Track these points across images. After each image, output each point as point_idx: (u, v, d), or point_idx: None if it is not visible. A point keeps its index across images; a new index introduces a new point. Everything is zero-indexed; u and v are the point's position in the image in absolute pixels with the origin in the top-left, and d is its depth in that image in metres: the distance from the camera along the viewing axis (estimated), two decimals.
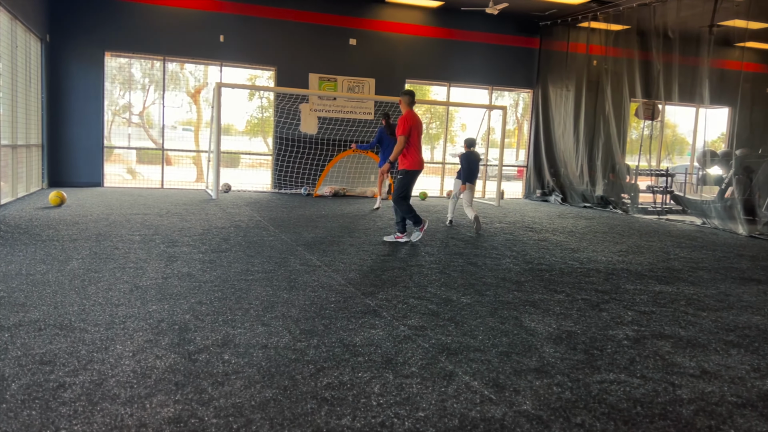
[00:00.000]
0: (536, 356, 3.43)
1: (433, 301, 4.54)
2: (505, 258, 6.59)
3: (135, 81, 15.03)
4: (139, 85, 15.33)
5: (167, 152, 13.84)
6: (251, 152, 16.82)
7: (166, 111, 13.64)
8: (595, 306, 4.67)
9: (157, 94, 18.45)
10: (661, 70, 12.16)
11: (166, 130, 13.67)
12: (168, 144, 13.87)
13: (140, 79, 15.02)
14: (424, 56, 14.66)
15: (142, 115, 17.39)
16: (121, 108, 15.69)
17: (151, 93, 16.10)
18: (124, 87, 14.70)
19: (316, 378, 2.94)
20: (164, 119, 13.69)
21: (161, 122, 13.61)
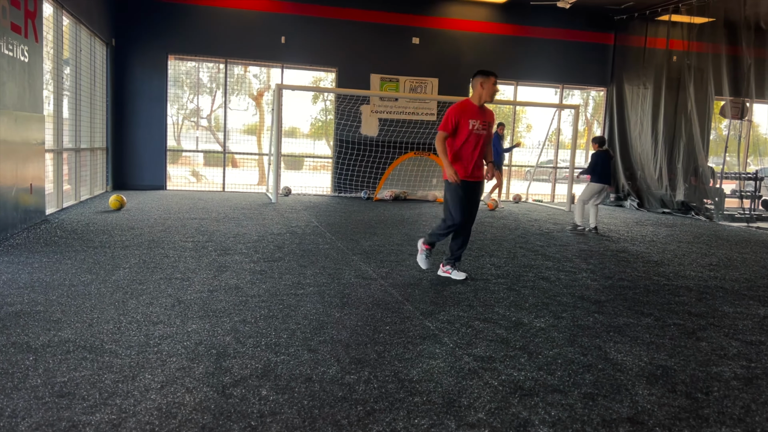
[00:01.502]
0: (628, 400, 2.87)
1: (501, 325, 4.03)
2: (581, 272, 5.98)
3: (203, 85, 15.11)
4: (207, 89, 15.41)
5: (230, 155, 13.79)
6: (313, 155, 16.63)
7: (229, 114, 13.59)
8: (691, 334, 4.04)
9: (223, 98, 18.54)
10: (752, 65, 11.12)
11: (232, 133, 13.63)
12: (233, 147, 13.84)
13: (207, 82, 15.08)
14: (489, 54, 14.05)
15: (210, 118, 17.53)
16: (191, 112, 15.83)
17: (218, 97, 16.19)
18: (193, 91, 14.78)
19: (365, 424, 2.50)
20: (226, 122, 13.66)
21: (224, 125, 13.57)
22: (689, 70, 12.74)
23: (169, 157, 13.15)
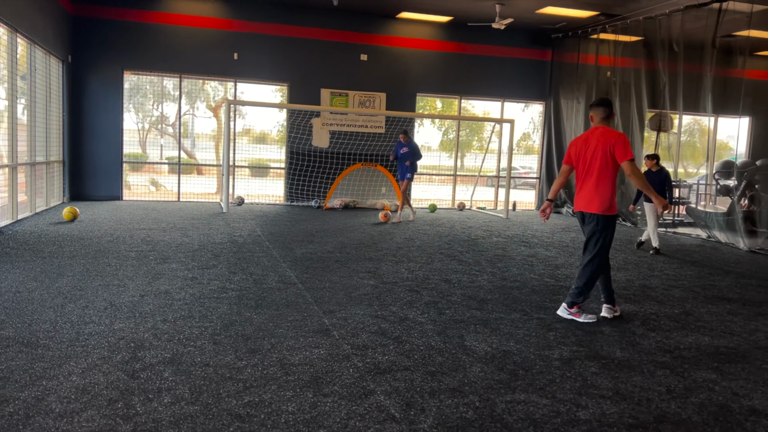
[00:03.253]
0: (460, 376, 3.62)
1: (388, 320, 4.76)
2: (483, 275, 6.76)
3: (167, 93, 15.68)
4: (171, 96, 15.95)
5: (195, 163, 14.37)
6: (280, 161, 17.26)
7: (196, 121, 14.18)
8: (548, 326, 4.83)
9: (188, 106, 19.05)
10: (667, 81, 12.13)
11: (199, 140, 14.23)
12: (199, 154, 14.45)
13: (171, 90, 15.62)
14: (435, 70, 14.87)
15: (175, 126, 18.10)
16: (156, 119, 16.40)
17: (183, 105, 16.78)
18: (156, 99, 15.34)
19: (240, 396, 3.20)
20: (180, 133, 14.24)
21: (178, 135, 14.15)
22: (615, 85, 13.73)
23: (130, 166, 13.68)
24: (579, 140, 5.05)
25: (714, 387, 3.63)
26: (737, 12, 10.58)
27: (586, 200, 4.94)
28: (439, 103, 18.51)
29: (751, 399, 3.47)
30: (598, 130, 4.95)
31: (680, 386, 3.62)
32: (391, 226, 10.86)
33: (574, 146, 5.05)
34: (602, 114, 4.98)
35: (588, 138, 4.98)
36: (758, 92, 11.12)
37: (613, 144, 4.78)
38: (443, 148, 21.54)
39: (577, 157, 5.00)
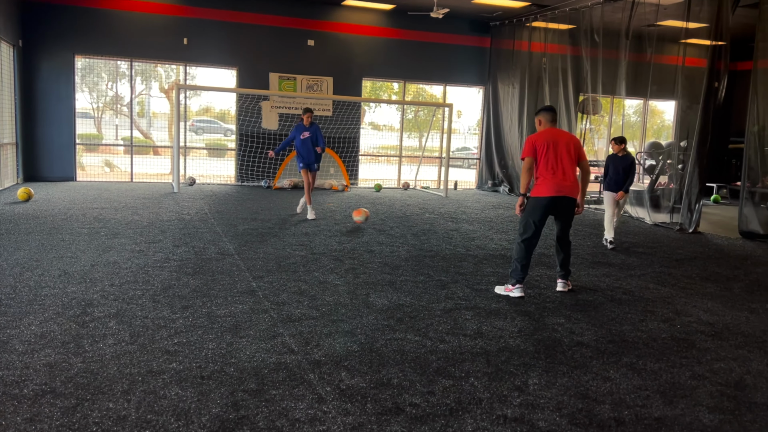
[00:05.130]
0: (355, 322, 4.46)
1: (308, 282, 5.57)
2: (404, 246, 7.62)
3: (122, 73, 16.05)
4: (126, 76, 16.29)
5: (152, 144, 14.83)
6: (220, 144, 17.78)
7: (152, 101, 14.63)
8: (444, 285, 5.71)
9: (143, 85, 19.36)
10: (589, 68, 13.13)
11: (156, 119, 14.69)
12: (156, 134, 14.91)
13: (126, 70, 15.95)
14: (380, 56, 15.59)
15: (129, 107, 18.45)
16: (111, 100, 16.77)
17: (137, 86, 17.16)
18: (111, 79, 15.72)
19: (171, 338, 3.97)
20: (132, 114, 14.68)
21: (131, 115, 14.59)
22: (545, 71, 14.70)
23: (85, 147, 14.09)
24: (542, 136, 5.49)
25: (558, 328, 4.56)
26: (648, 4, 11.59)
27: (571, 188, 5.44)
28: (395, 85, 19.23)
29: (582, 336, 4.40)
30: (558, 131, 5.60)
31: (531, 328, 4.54)
32: (334, 204, 11.64)
33: (540, 140, 5.47)
34: (551, 118, 5.64)
35: (554, 135, 5.49)
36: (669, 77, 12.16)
37: (579, 144, 5.59)
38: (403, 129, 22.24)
39: (546, 150, 5.41)
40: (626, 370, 3.77)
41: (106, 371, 3.41)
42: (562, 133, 5.62)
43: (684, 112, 12.70)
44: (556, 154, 5.42)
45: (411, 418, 3.01)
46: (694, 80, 11.14)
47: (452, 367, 3.69)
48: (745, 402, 3.37)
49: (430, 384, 3.43)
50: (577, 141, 5.62)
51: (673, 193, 11.26)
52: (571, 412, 3.15)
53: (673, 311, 5.15)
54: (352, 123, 15.48)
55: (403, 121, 17.01)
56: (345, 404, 3.13)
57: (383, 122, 25.83)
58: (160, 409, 2.98)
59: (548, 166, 5.42)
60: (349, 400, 3.17)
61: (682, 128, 12.87)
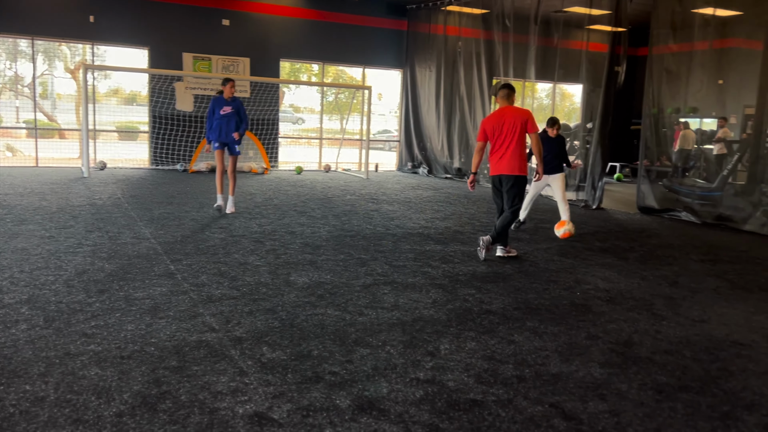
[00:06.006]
0: (276, 300, 4.57)
1: (228, 264, 5.60)
2: (326, 226, 7.74)
3: (21, 51, 15.10)
4: (26, 56, 15.35)
5: (58, 127, 14.10)
6: (131, 126, 17.17)
7: (56, 82, 13.88)
8: (364, 263, 5.88)
9: (46, 66, 18.29)
10: (501, 52, 13.61)
11: (61, 101, 13.96)
12: (61, 116, 14.17)
13: (26, 48, 15.04)
14: (298, 37, 15.48)
15: (30, 88, 17.41)
16: (10, 80, 15.75)
17: (39, 66, 16.21)
18: (10, 58, 14.76)
19: (88, 322, 3.94)
20: (35, 95, 13.93)
21: (34, 97, 13.84)
22: (460, 55, 15.10)
23: None
24: (492, 119, 5.98)
25: (468, 299, 4.84)
26: None
27: (507, 166, 5.94)
28: (315, 67, 19.12)
29: (491, 305, 4.71)
30: (509, 109, 5.95)
31: (444, 299, 4.79)
32: (253, 188, 11.57)
33: (489, 123, 5.97)
34: (506, 95, 6.00)
35: (502, 116, 5.93)
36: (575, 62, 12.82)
37: (525, 119, 5.89)
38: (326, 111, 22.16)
39: (493, 132, 5.95)
40: (529, 333, 4.09)
41: (21, 355, 3.36)
42: (510, 112, 5.97)
43: (588, 95, 13.43)
44: (500, 136, 5.93)
45: (330, 384, 3.17)
46: (597, 64, 11.80)
47: (370, 338, 3.88)
48: (632, 357, 3.75)
49: (348, 354, 3.60)
50: (524, 116, 5.94)
51: (579, 172, 11.93)
52: (477, 373, 3.40)
53: (574, 280, 5.56)
54: (271, 105, 15.34)
55: (323, 103, 16.99)
56: (266, 376, 3.25)
57: (304, 104, 25.73)
58: (79, 389, 2.99)
59: (494, 148, 6.03)
60: (270, 372, 3.29)
61: (587, 110, 13.63)
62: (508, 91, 6.08)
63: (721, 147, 13.14)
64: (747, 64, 11.22)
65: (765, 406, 3.14)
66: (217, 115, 8.19)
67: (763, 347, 4.01)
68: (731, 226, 9.08)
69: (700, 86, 10.91)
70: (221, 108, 8.24)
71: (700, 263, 6.57)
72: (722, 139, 13.01)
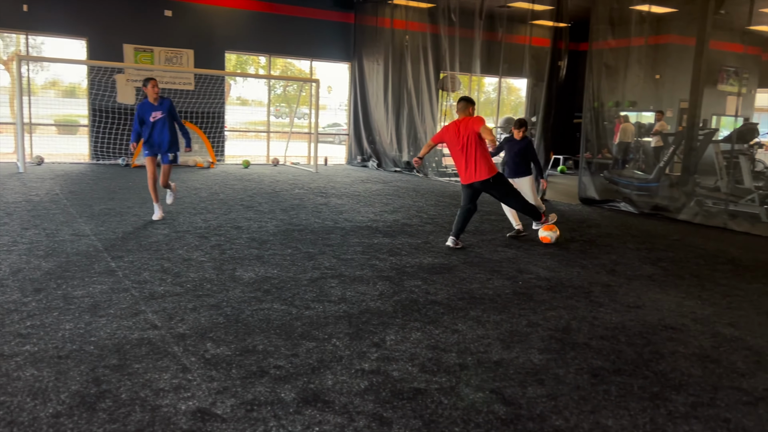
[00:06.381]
0: (221, 296, 4.52)
1: (171, 260, 5.50)
2: (273, 221, 7.68)
3: None
4: None
5: None
6: (70, 119, 16.59)
7: None
8: (312, 257, 5.88)
9: None
10: (447, 46, 13.76)
11: None
12: None
13: None
14: (243, 29, 15.24)
15: None
16: None
17: None
18: None
19: (23, 322, 3.81)
20: None
21: None
22: (407, 48, 15.18)
23: None
24: (451, 128, 6.30)
25: (415, 290, 4.90)
26: None
27: (476, 173, 6.20)
28: (262, 59, 18.87)
29: (436, 295, 4.78)
30: (463, 121, 6.24)
31: (390, 291, 4.85)
32: (199, 182, 11.37)
33: (447, 133, 6.33)
34: (463, 108, 6.30)
35: (458, 127, 6.24)
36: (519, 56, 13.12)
37: (473, 124, 6.14)
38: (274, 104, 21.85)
39: (452, 142, 6.25)
40: (472, 322, 4.18)
41: None
42: (464, 122, 6.20)
43: (532, 89, 13.73)
44: (459, 146, 6.20)
45: (275, 378, 3.17)
46: (539, 59, 12.08)
47: (316, 331, 3.89)
48: (570, 343, 3.88)
49: (294, 347, 3.61)
50: (476, 123, 6.12)
51: None
52: (422, 362, 3.47)
53: (516, 270, 5.71)
54: (217, 97, 15.07)
55: (271, 96, 16.80)
56: (210, 372, 3.22)
57: (252, 97, 25.38)
58: (14, 391, 2.90)
59: (457, 159, 6.31)
60: (214, 368, 3.27)
61: (531, 104, 13.93)
62: (465, 103, 6.35)
63: (658, 140, 13.66)
64: (681, 60, 11.71)
65: (692, 386, 3.31)
66: (148, 124, 7.20)
67: (692, 330, 4.22)
68: (667, 216, 9.47)
69: (638, 81, 11.31)
70: (150, 114, 7.17)
71: (636, 252, 6.84)
72: (659, 132, 13.52)
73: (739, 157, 10.66)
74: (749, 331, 4.24)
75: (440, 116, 15.75)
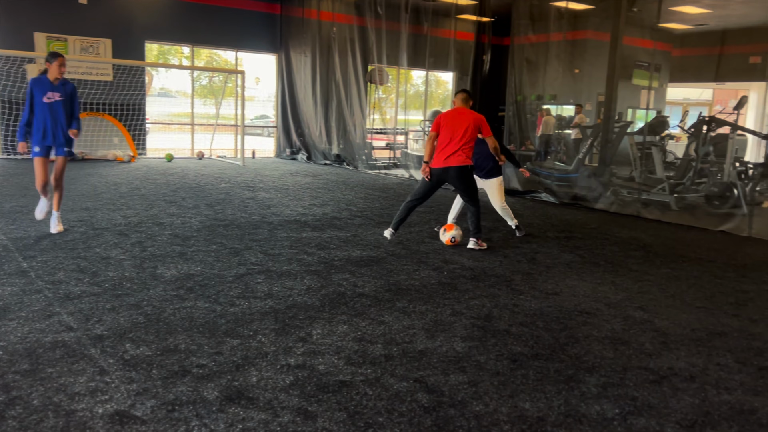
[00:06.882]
0: (142, 295, 4.39)
1: (89, 260, 5.29)
2: (197, 216, 7.50)
3: None
4: None
5: None
6: None
7: None
8: (237, 253, 5.79)
9: None
10: (375, 38, 13.80)
11: None
12: None
13: None
14: (164, 18, 14.74)
15: None
16: None
17: None
18: None
19: None
20: None
21: None
22: (335, 40, 15.12)
23: None
24: (448, 116, 6.23)
25: (343, 283, 4.93)
26: None
27: (455, 158, 6.12)
28: (186, 49, 18.31)
29: (364, 288, 4.82)
30: (464, 110, 6.25)
31: (318, 285, 4.85)
32: (119, 177, 10.96)
33: (445, 118, 6.23)
34: (464, 99, 6.34)
35: (457, 114, 6.20)
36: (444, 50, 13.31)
37: (479, 122, 6.20)
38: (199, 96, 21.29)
39: (446, 125, 6.16)
40: (399, 313, 4.25)
41: None
42: (466, 113, 6.22)
43: (458, 83, 13.98)
44: (452, 132, 6.12)
45: (197, 377, 3.12)
46: (464, 53, 12.32)
47: (241, 328, 3.85)
48: (491, 330, 4.01)
49: (218, 345, 3.55)
50: (477, 120, 6.19)
51: None
52: (348, 355, 3.50)
53: (442, 260, 5.83)
54: (137, 89, 14.52)
55: (195, 88, 16.35)
56: (129, 373, 3.13)
57: (175, 88, 24.59)
58: None
59: (441, 142, 6.19)
60: (134, 369, 3.18)
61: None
62: (467, 95, 6.45)
63: (577, 132, 14.22)
64: (597, 55, 12.22)
65: (604, 368, 3.49)
66: (40, 105, 6.00)
67: (605, 315, 4.45)
68: (585, 205, 9.89)
69: (558, 75, 11.72)
70: (44, 93, 5.98)
71: (555, 240, 7.12)
72: (578, 124, 14.08)
73: (652, 149, 11.27)
74: (657, 314, 4.51)
75: (369, 109, 15.81)
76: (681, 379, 3.37)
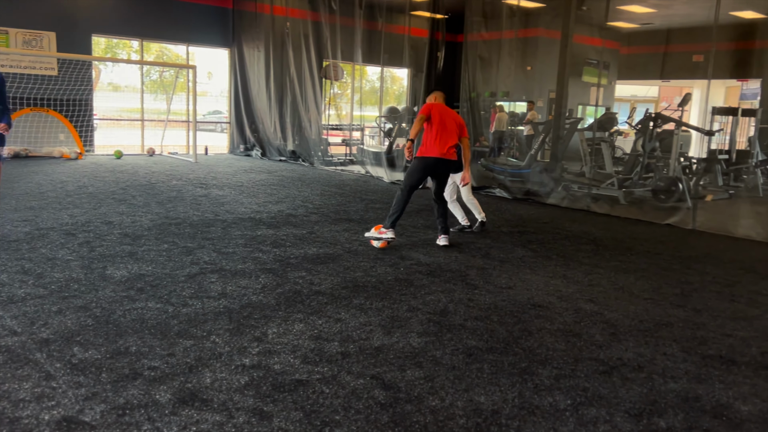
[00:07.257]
0: (90, 296, 4.26)
1: (34, 261, 5.10)
2: (148, 215, 7.32)
3: None
4: None
5: None
6: None
7: None
8: (190, 252, 5.68)
9: None
10: (329, 34, 13.73)
11: None
12: None
13: None
14: (112, 11, 14.32)
15: None
16: None
17: None
18: None
19: None
20: None
21: None
22: (289, 35, 14.98)
23: None
24: (439, 108, 6.27)
25: (298, 281, 4.89)
26: None
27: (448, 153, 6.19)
28: (134, 43, 17.81)
29: (320, 286, 4.80)
30: (449, 108, 6.43)
31: (273, 283, 4.80)
32: (65, 175, 10.61)
33: (436, 109, 6.25)
34: (443, 97, 6.56)
35: (445, 111, 6.31)
36: (399, 46, 13.34)
37: (462, 123, 6.40)
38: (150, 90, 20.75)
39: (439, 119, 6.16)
40: (355, 310, 4.24)
41: None
42: (453, 112, 6.45)
43: (412, 79, 14.04)
44: (445, 125, 6.19)
45: (149, 380, 3.05)
46: (419, 50, 12.37)
47: (194, 329, 3.78)
48: (447, 325, 4.05)
49: (170, 347, 3.48)
50: (461, 120, 6.42)
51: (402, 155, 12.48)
52: (304, 353, 3.47)
53: (398, 257, 5.85)
54: (83, 84, 14.07)
55: (145, 83, 15.95)
56: (77, 377, 3.04)
57: (124, 83, 23.96)
58: None
59: (438, 134, 6.16)
60: (82, 373, 3.09)
61: (412, 94, 14.24)
62: (445, 95, 6.65)
63: (529, 128, 14.47)
64: (548, 53, 12.45)
65: (556, 360, 3.57)
66: None
67: (557, 308, 4.54)
68: (537, 201, 10.08)
69: (510, 72, 11.89)
70: None
71: (509, 235, 7.23)
72: (530, 121, 14.33)
73: (601, 144, 11.56)
74: (606, 306, 4.63)
75: (324, 105, 15.73)
76: (630, 369, 3.47)
